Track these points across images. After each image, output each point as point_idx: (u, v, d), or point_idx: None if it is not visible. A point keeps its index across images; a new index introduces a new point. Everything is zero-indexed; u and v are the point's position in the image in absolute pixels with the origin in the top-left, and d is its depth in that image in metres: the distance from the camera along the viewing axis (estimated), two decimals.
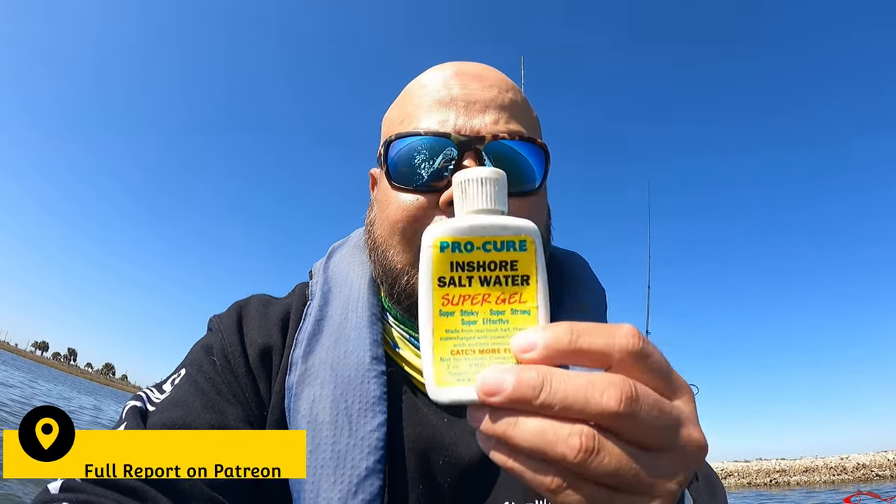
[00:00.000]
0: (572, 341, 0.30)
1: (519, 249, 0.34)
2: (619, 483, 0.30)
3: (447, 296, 0.34)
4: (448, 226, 0.34)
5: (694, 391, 1.51)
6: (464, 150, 0.57)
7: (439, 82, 0.63)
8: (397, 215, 0.60)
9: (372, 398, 0.56)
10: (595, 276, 0.74)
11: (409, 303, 0.60)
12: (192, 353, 0.64)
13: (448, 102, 0.61)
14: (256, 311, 0.66)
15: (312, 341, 0.61)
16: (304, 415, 0.56)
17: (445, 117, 0.60)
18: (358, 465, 0.53)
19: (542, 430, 0.29)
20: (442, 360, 0.33)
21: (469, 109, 0.60)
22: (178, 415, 0.54)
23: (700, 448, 0.32)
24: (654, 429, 0.30)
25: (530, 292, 0.34)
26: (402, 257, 0.60)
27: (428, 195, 0.59)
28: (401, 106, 0.67)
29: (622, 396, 0.28)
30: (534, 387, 0.29)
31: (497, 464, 0.31)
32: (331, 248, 0.75)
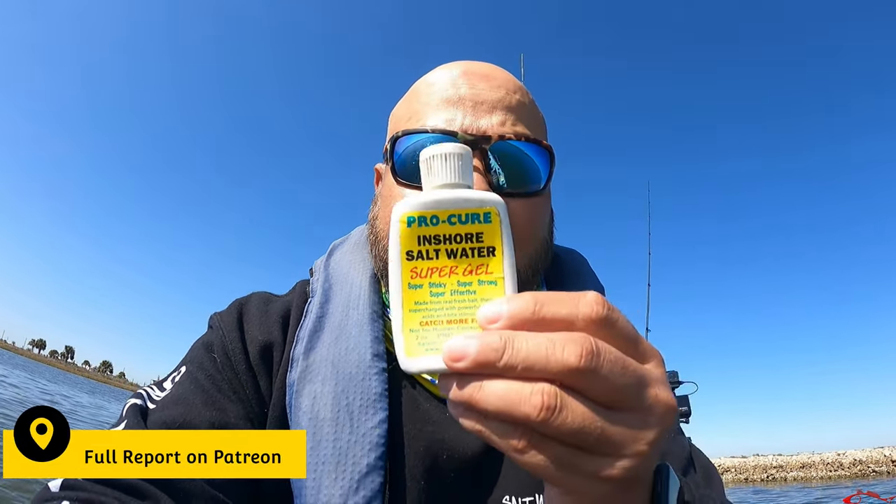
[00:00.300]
0: (536, 311, 0.30)
1: (483, 221, 0.35)
2: (584, 442, 0.30)
3: (415, 269, 0.35)
4: (414, 201, 0.35)
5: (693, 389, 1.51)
6: (470, 149, 0.56)
7: (447, 81, 0.64)
8: None
9: (373, 395, 0.56)
10: (594, 273, 0.75)
11: None
12: (192, 350, 0.64)
13: (456, 101, 0.61)
14: (257, 308, 0.66)
15: (313, 338, 0.61)
16: (305, 412, 0.56)
17: (453, 116, 0.60)
18: (359, 462, 0.53)
19: (505, 391, 0.29)
20: (411, 332, 0.34)
21: (476, 109, 0.61)
22: (178, 412, 0.54)
23: (668, 408, 0.32)
24: (617, 386, 0.30)
25: (496, 263, 0.34)
26: None
27: None
28: (408, 103, 0.67)
29: (582, 352, 0.29)
30: (496, 349, 0.29)
31: (468, 431, 0.31)
32: (331, 246, 0.75)
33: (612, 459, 0.30)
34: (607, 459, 0.30)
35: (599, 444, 0.30)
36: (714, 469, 0.67)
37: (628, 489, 0.34)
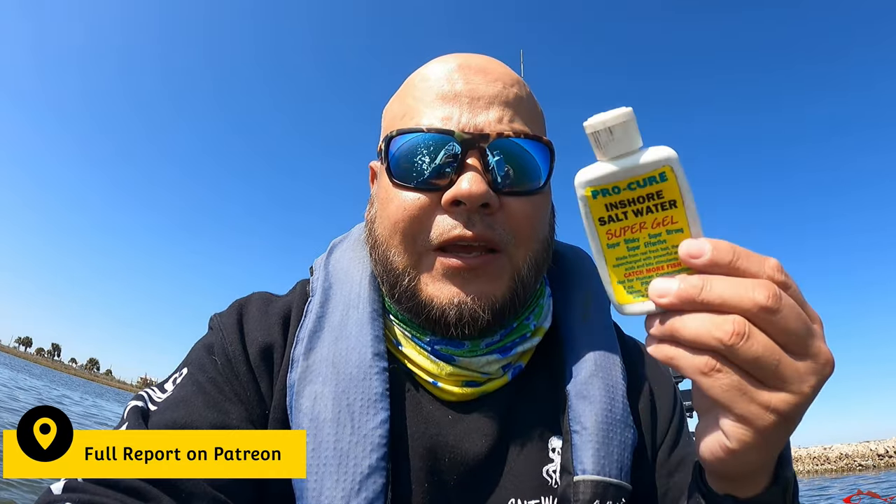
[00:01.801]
0: (732, 261, 0.37)
1: (660, 181, 0.39)
2: (761, 372, 0.35)
3: (609, 231, 0.41)
4: (592, 174, 0.40)
5: None
6: (467, 147, 0.56)
7: (442, 76, 0.62)
8: (398, 214, 0.58)
9: (374, 395, 0.56)
10: (596, 272, 0.74)
11: (411, 304, 0.59)
12: (193, 352, 0.64)
13: (451, 98, 0.60)
14: (257, 309, 0.65)
15: (313, 338, 0.60)
16: (305, 412, 0.55)
17: (449, 113, 0.59)
18: (360, 463, 0.52)
19: (702, 321, 0.36)
20: (619, 283, 0.42)
21: (473, 106, 0.59)
22: (179, 414, 0.54)
23: (829, 361, 0.37)
24: (792, 330, 0.36)
25: (679, 213, 0.39)
26: (404, 258, 0.59)
27: (429, 193, 0.57)
28: (402, 99, 0.65)
29: (769, 293, 0.35)
30: (695, 286, 0.36)
31: (657, 358, 0.38)
32: (331, 244, 0.74)
33: (783, 394, 0.36)
34: (778, 393, 0.36)
35: (774, 376, 0.35)
36: None
37: (786, 429, 0.38)
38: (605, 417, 0.58)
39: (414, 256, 0.58)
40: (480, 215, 0.56)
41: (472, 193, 0.54)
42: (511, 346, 0.62)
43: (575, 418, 0.59)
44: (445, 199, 0.56)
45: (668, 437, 0.65)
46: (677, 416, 0.67)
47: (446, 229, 0.56)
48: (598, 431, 0.57)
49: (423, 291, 0.58)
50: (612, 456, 0.57)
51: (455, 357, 0.60)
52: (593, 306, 0.68)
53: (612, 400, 0.60)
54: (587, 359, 0.62)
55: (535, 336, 0.64)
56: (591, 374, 0.61)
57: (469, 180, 0.55)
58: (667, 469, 0.63)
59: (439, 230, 0.57)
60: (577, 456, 0.57)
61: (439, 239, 0.56)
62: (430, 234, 0.57)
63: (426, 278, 0.58)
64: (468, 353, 0.60)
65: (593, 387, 0.60)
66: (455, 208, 0.56)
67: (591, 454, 0.56)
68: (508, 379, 0.62)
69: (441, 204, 0.57)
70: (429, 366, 0.60)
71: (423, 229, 0.57)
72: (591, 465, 0.56)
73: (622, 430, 0.59)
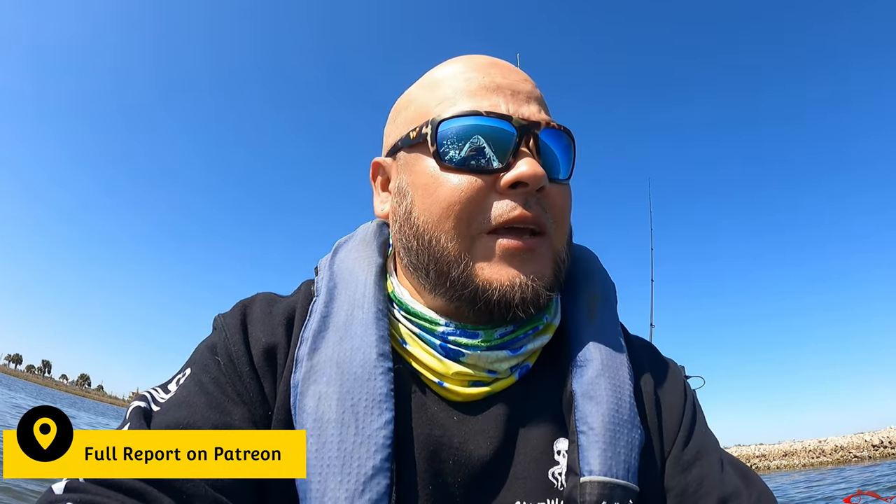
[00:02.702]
0: None
1: None
2: None
3: None
4: None
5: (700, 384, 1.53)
6: (523, 133, 0.58)
7: (477, 70, 0.63)
8: (453, 197, 0.57)
9: (379, 395, 0.55)
10: (605, 270, 0.74)
11: (465, 291, 0.58)
12: (196, 352, 0.63)
13: (494, 89, 0.61)
14: (261, 309, 0.64)
15: (318, 338, 0.59)
16: (309, 413, 0.55)
17: (496, 102, 0.60)
18: (365, 464, 0.52)
19: None
20: None
21: (516, 97, 0.61)
22: (182, 415, 0.54)
23: None
24: None
25: None
26: (456, 243, 0.58)
27: (485, 176, 0.57)
28: (432, 90, 0.64)
29: None
30: None
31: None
32: (336, 244, 0.73)
33: None
34: None
35: None
36: (747, 467, 0.66)
37: None
38: (612, 418, 0.57)
39: (468, 241, 0.58)
40: (535, 198, 0.58)
41: (535, 174, 0.56)
42: (523, 338, 0.62)
43: (582, 419, 0.58)
44: (507, 180, 0.57)
45: (681, 434, 0.64)
46: (689, 412, 0.66)
47: (506, 210, 0.57)
48: (605, 432, 0.56)
49: (480, 276, 0.57)
50: (619, 456, 0.56)
51: (464, 352, 0.59)
52: (600, 306, 0.68)
53: (619, 400, 0.59)
54: (594, 358, 0.62)
55: (546, 333, 0.64)
56: (597, 374, 0.60)
57: (529, 164, 0.56)
58: (681, 466, 0.61)
59: (499, 211, 0.57)
60: (583, 457, 0.56)
61: (499, 220, 0.57)
62: (487, 216, 0.57)
63: (482, 262, 0.57)
64: (483, 343, 0.60)
65: (600, 387, 0.59)
66: (513, 190, 0.57)
67: (597, 455, 0.55)
68: (516, 379, 0.62)
69: (496, 187, 0.57)
70: (435, 365, 0.60)
71: (479, 211, 0.57)
72: (598, 465, 0.55)
73: (629, 430, 0.58)
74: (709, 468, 0.61)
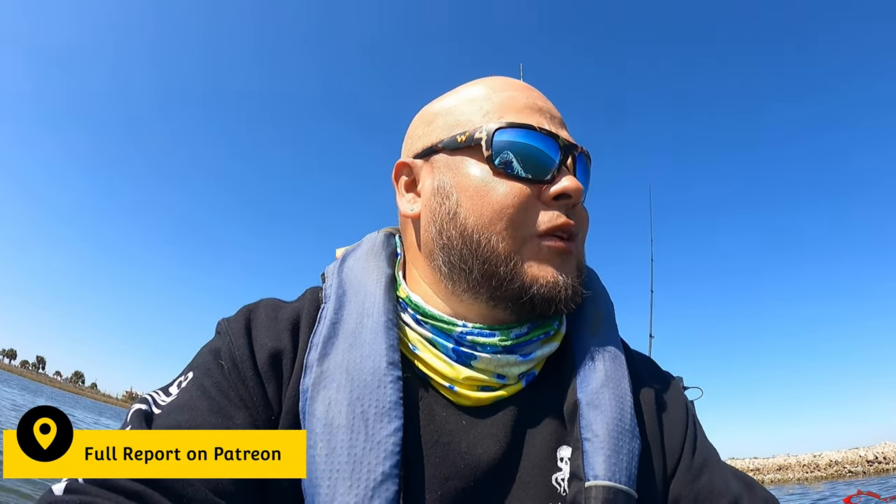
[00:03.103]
0: None
1: None
2: None
3: None
4: None
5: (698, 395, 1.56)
6: (567, 152, 0.64)
7: (518, 89, 0.69)
8: (506, 201, 0.61)
9: (388, 403, 0.56)
10: (605, 288, 0.76)
11: (513, 286, 0.61)
12: (199, 356, 0.63)
13: (537, 110, 0.67)
14: (266, 314, 0.65)
15: (328, 345, 0.60)
16: (319, 418, 0.55)
17: (541, 121, 0.66)
18: (374, 470, 0.52)
19: None
20: None
21: (553, 121, 0.67)
22: (184, 418, 0.54)
23: None
24: None
25: None
26: (507, 244, 0.61)
27: (534, 186, 0.63)
28: (474, 102, 0.68)
29: None
30: None
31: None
32: (343, 253, 0.74)
33: None
34: None
35: None
36: (748, 475, 0.68)
37: None
38: (615, 426, 0.59)
39: (518, 242, 0.61)
40: (573, 210, 0.64)
41: (578, 189, 0.62)
42: (535, 341, 0.64)
43: (587, 426, 0.59)
44: (554, 191, 0.62)
45: (687, 444, 0.66)
46: (691, 425, 0.68)
47: (553, 217, 0.62)
48: (608, 439, 0.58)
49: (528, 273, 0.61)
50: (621, 464, 0.57)
51: (476, 355, 0.61)
52: (603, 321, 0.70)
53: (622, 410, 0.61)
54: (598, 370, 0.64)
55: (554, 340, 0.66)
56: (601, 385, 0.62)
57: (572, 180, 0.63)
58: (691, 475, 0.64)
59: (546, 218, 0.62)
60: (588, 462, 0.57)
61: (547, 225, 0.62)
62: (535, 222, 0.62)
63: (530, 262, 0.62)
64: (499, 341, 0.61)
65: (604, 397, 0.61)
66: (557, 202, 0.63)
67: (602, 461, 0.57)
68: (523, 386, 0.63)
69: (542, 197, 0.63)
70: (445, 370, 0.61)
71: (529, 217, 0.62)
72: (603, 471, 0.56)
73: (630, 439, 0.59)
74: (716, 475, 0.64)
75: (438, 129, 0.68)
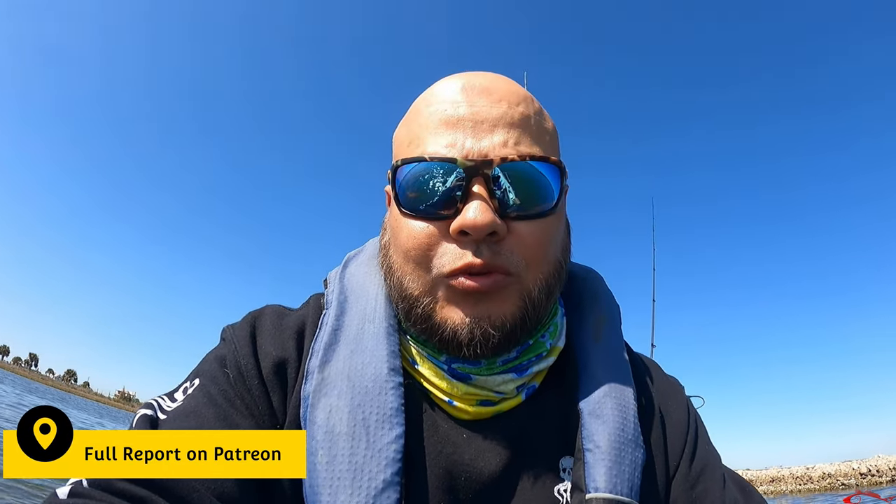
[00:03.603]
0: None
1: None
2: None
3: None
4: None
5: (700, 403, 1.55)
6: (472, 175, 0.55)
7: (446, 99, 0.60)
8: (409, 243, 0.58)
9: (389, 410, 0.56)
10: (610, 292, 0.74)
11: (426, 326, 0.59)
12: (204, 363, 0.63)
13: (455, 123, 0.58)
14: (271, 322, 0.65)
15: (329, 351, 0.60)
16: (320, 425, 0.55)
17: (453, 140, 0.57)
18: (375, 478, 0.52)
19: None
20: None
21: (476, 130, 0.57)
22: (189, 425, 0.54)
23: None
24: None
25: None
26: (418, 285, 0.59)
27: (437, 223, 0.57)
28: (408, 125, 0.63)
29: None
30: None
31: None
32: (346, 258, 0.73)
33: None
34: None
35: None
36: (746, 482, 0.68)
37: None
38: (617, 437, 0.58)
39: (428, 283, 0.58)
40: (488, 243, 0.55)
41: (476, 224, 0.53)
42: (527, 364, 0.62)
43: (588, 437, 0.59)
44: (452, 228, 0.55)
45: (686, 451, 0.65)
46: (692, 429, 0.67)
47: (456, 258, 0.55)
48: (610, 450, 0.57)
49: (438, 314, 0.57)
50: (623, 475, 0.57)
51: (472, 376, 0.60)
52: (606, 327, 0.69)
53: (625, 420, 0.60)
54: (600, 379, 0.63)
55: (550, 356, 0.64)
56: (604, 394, 0.61)
57: (474, 209, 0.54)
58: (689, 482, 0.63)
59: (449, 259, 0.56)
60: (589, 474, 0.56)
61: (450, 267, 0.56)
62: (441, 262, 0.56)
63: (441, 303, 0.57)
64: (485, 370, 0.60)
65: (606, 406, 0.60)
66: (463, 238, 0.55)
67: (603, 472, 0.56)
68: (522, 399, 0.62)
69: (449, 232, 0.56)
70: (444, 385, 0.60)
71: (436, 257, 0.57)
72: (604, 483, 0.56)
73: (633, 449, 0.59)
74: (712, 483, 0.63)
75: (392, 158, 0.65)
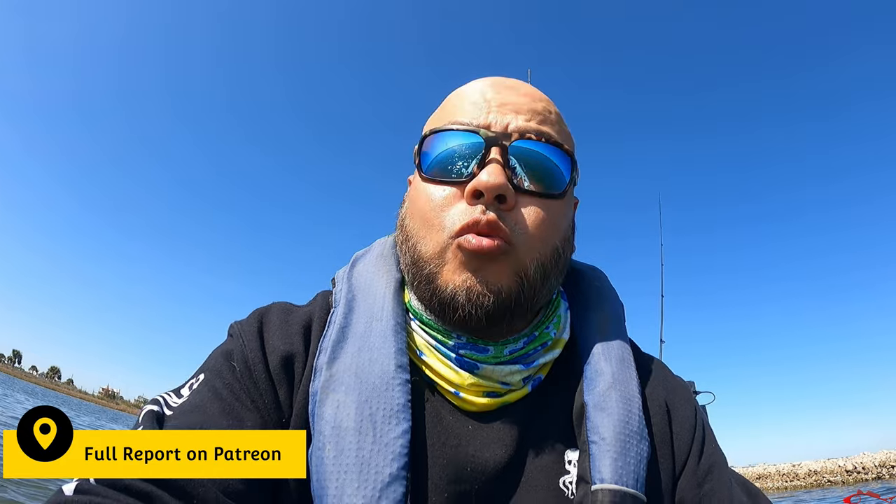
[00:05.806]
0: None
1: None
2: None
3: None
4: None
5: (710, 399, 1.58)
6: (491, 144, 0.60)
7: (476, 90, 0.66)
8: (427, 206, 0.62)
9: (396, 405, 0.57)
10: (614, 290, 0.76)
11: (428, 289, 0.61)
12: (211, 358, 0.63)
13: (482, 104, 0.64)
14: (278, 318, 0.66)
15: (337, 348, 0.61)
16: (328, 421, 0.56)
17: (478, 115, 0.63)
18: (382, 471, 0.53)
19: None
20: None
21: (501, 110, 0.63)
22: (195, 420, 0.54)
23: None
24: None
25: None
26: (430, 248, 0.61)
27: (455, 186, 0.61)
28: (439, 113, 0.69)
29: None
30: None
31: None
32: (354, 257, 0.75)
33: None
34: None
35: None
36: (752, 485, 0.69)
37: None
38: (622, 429, 0.59)
39: (439, 246, 0.60)
40: (496, 207, 0.59)
41: (488, 185, 0.57)
42: (533, 353, 0.64)
43: (593, 429, 0.60)
44: (467, 190, 0.59)
45: (694, 448, 0.66)
46: (699, 427, 0.68)
47: (465, 215, 0.59)
48: (615, 442, 0.58)
49: (441, 277, 0.60)
50: (628, 467, 0.57)
51: (479, 364, 0.61)
52: (610, 322, 0.70)
53: (629, 412, 0.61)
54: (605, 372, 0.64)
55: (556, 348, 0.66)
56: (608, 387, 0.62)
57: (489, 172, 0.58)
58: (696, 479, 0.63)
59: (459, 216, 0.59)
60: (595, 465, 0.57)
61: (460, 223, 0.59)
62: (452, 220, 0.60)
63: (447, 266, 0.60)
64: (492, 358, 0.62)
65: (611, 399, 0.61)
66: (475, 200, 0.59)
67: (609, 464, 0.57)
68: (528, 391, 0.64)
69: (464, 196, 0.60)
70: (451, 376, 0.61)
71: (448, 219, 0.60)
72: (610, 474, 0.56)
73: (638, 442, 0.60)
74: (719, 483, 0.63)
75: None
